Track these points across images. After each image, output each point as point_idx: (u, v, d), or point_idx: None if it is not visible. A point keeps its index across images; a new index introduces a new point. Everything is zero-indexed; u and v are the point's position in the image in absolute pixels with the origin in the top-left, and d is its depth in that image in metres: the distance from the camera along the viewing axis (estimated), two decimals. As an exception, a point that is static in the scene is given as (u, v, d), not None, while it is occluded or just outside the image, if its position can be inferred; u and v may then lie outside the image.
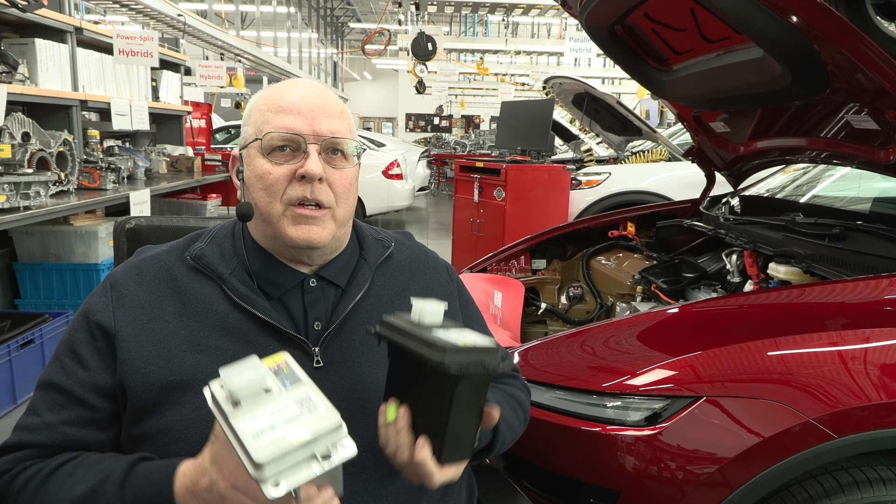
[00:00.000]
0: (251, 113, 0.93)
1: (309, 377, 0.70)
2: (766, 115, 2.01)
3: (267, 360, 0.70)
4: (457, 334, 0.75)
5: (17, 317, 2.89)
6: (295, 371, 0.70)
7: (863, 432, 1.18)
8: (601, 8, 1.90)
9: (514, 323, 2.07)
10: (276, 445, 0.60)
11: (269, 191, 0.88)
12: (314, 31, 16.11)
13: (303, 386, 0.68)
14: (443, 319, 0.79)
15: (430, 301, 0.79)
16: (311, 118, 0.89)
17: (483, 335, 0.76)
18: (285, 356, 0.72)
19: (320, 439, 0.63)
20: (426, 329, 0.76)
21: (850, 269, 1.57)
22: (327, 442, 0.63)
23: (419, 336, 0.74)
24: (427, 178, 10.86)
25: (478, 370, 0.72)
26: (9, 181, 2.57)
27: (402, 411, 0.78)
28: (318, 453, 0.62)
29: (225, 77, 7.16)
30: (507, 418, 0.98)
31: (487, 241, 4.40)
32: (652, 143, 5.86)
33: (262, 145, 0.88)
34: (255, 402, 0.65)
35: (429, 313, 0.78)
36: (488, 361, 0.72)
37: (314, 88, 0.93)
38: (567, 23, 14.80)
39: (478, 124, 21.49)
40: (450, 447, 0.75)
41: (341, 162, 0.92)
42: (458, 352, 0.71)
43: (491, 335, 1.14)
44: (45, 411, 0.84)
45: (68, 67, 3.39)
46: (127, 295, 0.88)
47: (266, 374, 0.68)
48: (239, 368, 0.66)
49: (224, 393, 0.66)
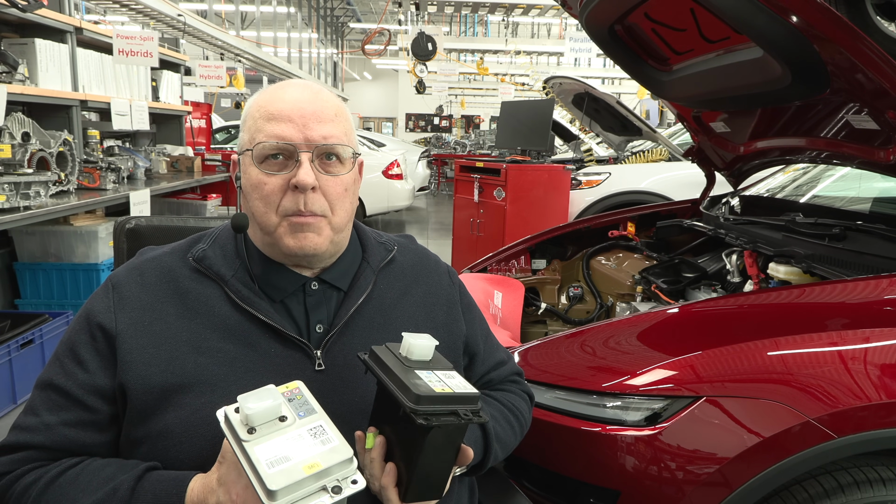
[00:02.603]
0: (246, 119, 0.92)
1: (321, 406, 0.71)
2: (766, 115, 2.01)
3: (280, 387, 0.72)
4: (440, 377, 0.74)
5: (17, 317, 2.89)
6: (308, 400, 0.72)
7: (863, 432, 1.18)
8: (601, 8, 1.90)
9: (514, 323, 2.07)
10: (289, 475, 0.62)
11: (265, 201, 0.88)
12: (314, 31, 16.10)
13: (317, 417, 0.69)
14: (433, 356, 0.78)
15: (422, 337, 0.78)
16: (302, 125, 0.87)
17: (466, 382, 0.76)
18: (299, 384, 0.73)
19: (332, 471, 0.64)
20: (410, 367, 0.75)
21: (850, 269, 1.57)
22: (338, 474, 0.65)
23: (398, 378, 0.73)
24: (427, 178, 10.85)
25: (450, 421, 0.71)
26: (9, 181, 2.57)
27: (379, 441, 0.79)
28: (328, 485, 0.64)
29: (225, 77, 7.16)
30: (499, 435, 0.98)
31: (487, 241, 4.40)
32: (652, 143, 5.86)
33: (254, 155, 0.88)
34: (270, 429, 0.67)
35: (417, 349, 0.77)
36: (464, 412, 0.72)
37: (307, 92, 0.91)
38: (567, 23, 14.79)
39: (478, 124, 21.49)
40: (417, 487, 0.76)
41: (336, 167, 0.90)
42: (432, 400, 0.70)
43: (496, 339, 1.14)
44: (44, 412, 0.83)
45: (68, 67, 3.39)
46: (129, 296, 0.88)
47: (282, 402, 0.69)
48: (257, 396, 0.68)
49: (240, 418, 0.67)
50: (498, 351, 1.14)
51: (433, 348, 0.79)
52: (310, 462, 0.63)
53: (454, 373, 0.78)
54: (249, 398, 0.67)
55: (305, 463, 0.63)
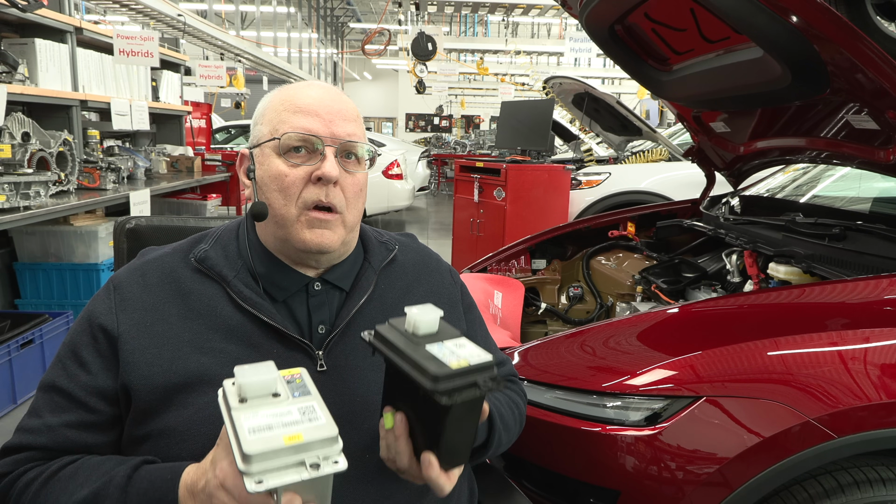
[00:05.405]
0: (265, 112, 0.92)
1: (319, 393, 0.70)
2: (766, 115, 2.01)
3: (284, 371, 0.71)
4: (452, 348, 0.73)
5: (17, 317, 2.89)
6: (307, 385, 0.71)
7: (863, 432, 1.18)
8: (601, 8, 1.90)
9: (514, 323, 2.07)
10: (268, 442, 0.61)
11: (284, 192, 0.88)
12: (314, 31, 16.10)
13: (311, 398, 0.68)
14: (439, 327, 0.77)
15: (426, 308, 0.77)
16: (328, 120, 0.89)
17: (480, 347, 0.74)
18: (302, 371, 0.73)
19: (313, 447, 0.63)
20: (420, 342, 0.73)
21: (850, 269, 1.57)
22: (320, 451, 0.63)
23: (411, 357, 0.71)
24: (427, 178, 10.85)
25: (471, 394, 0.70)
26: (9, 181, 2.57)
27: (399, 418, 0.78)
28: (307, 461, 0.62)
29: (225, 77, 7.15)
30: (503, 416, 0.97)
31: (487, 241, 4.40)
32: (652, 143, 5.86)
33: (280, 145, 0.88)
34: (261, 402, 0.66)
35: (423, 324, 0.75)
36: (483, 382, 0.70)
37: (331, 91, 0.93)
38: (567, 23, 14.79)
39: (478, 124, 21.49)
40: (447, 458, 0.75)
41: (354, 166, 0.92)
42: (449, 377, 0.68)
43: (492, 341, 1.14)
44: (47, 413, 0.84)
45: (68, 67, 3.39)
46: (130, 298, 0.88)
47: (278, 379, 0.68)
48: (253, 368, 0.67)
49: (234, 389, 0.67)
50: (496, 353, 1.14)
51: (439, 319, 0.77)
52: (292, 434, 0.62)
53: (463, 340, 0.76)
54: (247, 369, 0.67)
55: (287, 434, 0.62)
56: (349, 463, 0.86)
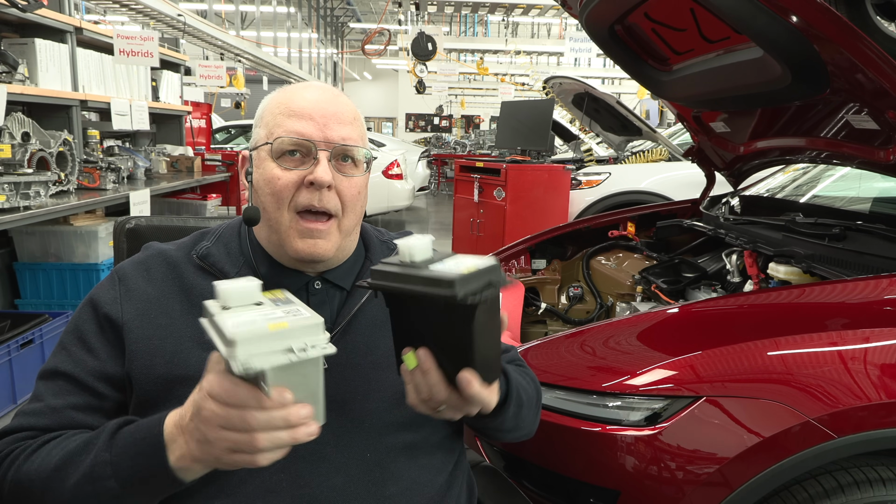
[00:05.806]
0: (263, 115, 0.92)
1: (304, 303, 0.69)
2: (766, 115, 2.01)
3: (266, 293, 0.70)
4: (453, 264, 0.72)
5: (17, 317, 2.89)
6: (290, 297, 0.70)
7: (863, 432, 1.18)
8: (601, 8, 1.90)
9: (514, 323, 2.07)
10: (251, 328, 0.60)
11: (276, 196, 0.88)
12: (314, 31, 16.10)
13: (295, 305, 0.68)
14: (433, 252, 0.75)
15: (416, 236, 0.75)
16: (322, 124, 0.88)
17: (479, 256, 0.74)
18: (284, 291, 0.72)
19: (298, 333, 0.62)
20: (422, 266, 0.72)
21: (850, 269, 1.57)
22: (306, 338, 0.62)
23: (420, 276, 0.70)
24: (427, 178, 10.85)
25: (490, 293, 0.69)
26: (9, 181, 2.56)
27: (423, 353, 0.75)
28: (294, 346, 0.61)
29: (225, 77, 7.15)
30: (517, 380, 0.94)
31: (487, 241, 4.40)
32: (652, 143, 5.86)
33: (273, 149, 0.88)
34: (244, 308, 0.65)
35: (418, 249, 0.73)
36: (495, 279, 0.70)
37: (328, 93, 0.92)
38: (567, 23, 14.79)
39: (478, 124, 21.48)
40: (484, 371, 0.74)
41: (351, 169, 0.91)
42: (466, 281, 0.67)
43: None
44: (50, 397, 0.83)
45: (68, 67, 3.39)
46: (135, 289, 0.89)
47: (258, 290, 0.68)
48: (234, 280, 0.67)
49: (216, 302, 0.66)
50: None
51: (431, 243, 0.76)
52: (277, 322, 0.61)
53: (458, 255, 0.75)
54: (227, 281, 0.66)
55: (271, 322, 0.61)
56: (350, 463, 0.86)
